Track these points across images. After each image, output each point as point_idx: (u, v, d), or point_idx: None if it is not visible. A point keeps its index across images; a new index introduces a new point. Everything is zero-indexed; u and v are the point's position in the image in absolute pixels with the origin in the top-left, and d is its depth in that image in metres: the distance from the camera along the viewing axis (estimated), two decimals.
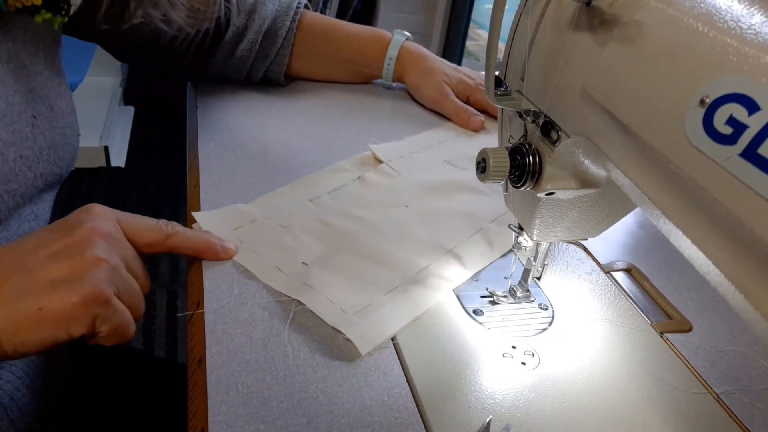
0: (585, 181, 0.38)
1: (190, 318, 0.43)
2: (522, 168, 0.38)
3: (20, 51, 0.47)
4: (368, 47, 0.79)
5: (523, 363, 0.42)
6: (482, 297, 0.48)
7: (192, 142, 0.65)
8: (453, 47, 2.10)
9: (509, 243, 0.52)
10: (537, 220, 0.41)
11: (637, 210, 0.40)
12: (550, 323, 0.47)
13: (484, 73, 0.38)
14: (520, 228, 0.44)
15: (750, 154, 0.22)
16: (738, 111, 0.23)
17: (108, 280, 0.37)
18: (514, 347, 0.44)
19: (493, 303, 0.48)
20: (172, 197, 2.10)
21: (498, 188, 0.59)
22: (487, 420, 0.37)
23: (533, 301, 0.48)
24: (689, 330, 0.48)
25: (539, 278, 0.50)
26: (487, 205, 0.58)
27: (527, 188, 0.39)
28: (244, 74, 0.77)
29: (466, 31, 2.11)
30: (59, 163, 0.51)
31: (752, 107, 0.22)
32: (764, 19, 0.23)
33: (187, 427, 0.36)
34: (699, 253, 0.26)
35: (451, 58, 1.59)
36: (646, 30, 0.29)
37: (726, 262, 0.25)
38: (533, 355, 0.43)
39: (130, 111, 2.40)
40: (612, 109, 0.30)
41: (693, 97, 0.25)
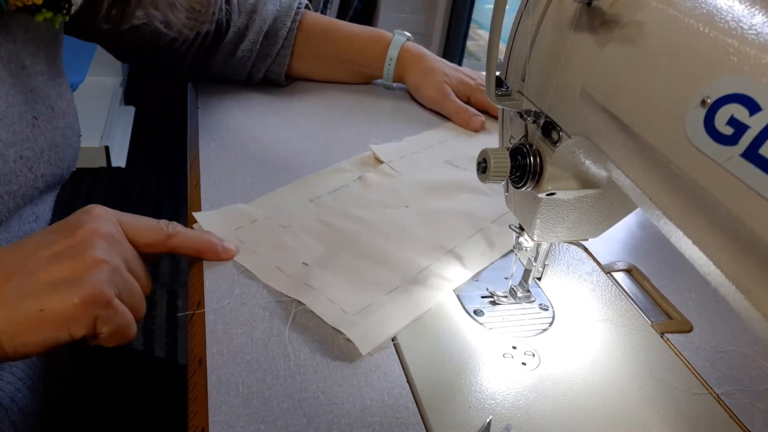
0: (586, 182, 0.38)
1: (191, 318, 0.43)
2: (523, 168, 0.38)
3: (21, 51, 0.47)
4: (369, 47, 0.79)
5: (524, 363, 0.42)
6: (483, 297, 0.48)
7: (192, 142, 0.65)
8: (453, 47, 2.10)
9: (510, 243, 0.52)
10: (538, 221, 0.41)
11: (638, 210, 0.40)
12: (551, 323, 0.47)
13: (485, 74, 0.38)
14: (521, 228, 0.44)
15: (751, 155, 0.22)
16: (739, 111, 0.23)
17: (109, 281, 0.37)
18: (515, 347, 0.44)
19: (494, 303, 0.48)
20: (173, 197, 2.10)
21: (498, 188, 0.60)
22: (488, 420, 0.37)
23: (534, 302, 0.48)
24: (690, 330, 0.48)
25: (540, 279, 0.50)
26: (488, 206, 0.58)
27: (528, 188, 0.39)
28: (245, 74, 0.77)
29: (467, 31, 2.11)
30: (60, 164, 0.51)
31: (753, 108, 0.22)
32: (765, 20, 0.23)
33: (188, 427, 0.36)
34: (700, 254, 0.26)
35: (452, 59, 1.59)
36: (647, 30, 0.29)
37: (727, 263, 0.25)
38: (534, 356, 0.43)
39: (131, 111, 2.41)
40: (613, 110, 0.30)
41: (694, 98, 0.25)
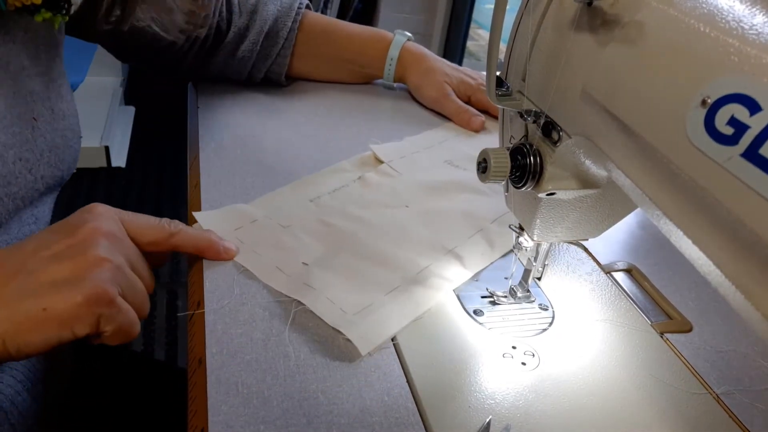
0: (586, 182, 0.38)
1: (191, 318, 0.43)
2: (523, 168, 0.38)
3: (20, 52, 0.47)
4: (369, 47, 0.79)
5: (524, 363, 0.42)
6: (482, 297, 0.48)
7: (193, 142, 0.65)
8: (454, 47, 2.10)
9: (510, 243, 0.52)
10: (538, 221, 0.41)
11: (638, 210, 0.40)
12: (551, 323, 0.47)
13: (486, 74, 0.38)
14: (521, 228, 0.44)
15: (751, 155, 0.22)
16: (739, 111, 0.23)
17: (112, 280, 0.37)
18: (515, 347, 0.44)
19: (494, 303, 0.48)
20: (173, 197, 2.10)
21: (498, 188, 0.60)
22: (487, 420, 0.37)
23: (533, 302, 0.48)
24: (689, 330, 0.48)
25: (540, 278, 0.50)
26: (488, 206, 0.58)
27: (528, 188, 0.39)
28: (245, 75, 0.77)
29: (467, 31, 2.12)
30: (60, 166, 0.51)
31: (754, 108, 0.22)
32: (766, 20, 0.23)
33: (187, 427, 0.36)
34: (700, 254, 0.26)
35: (452, 58, 1.59)
36: (648, 30, 0.29)
37: (727, 263, 0.25)
38: (533, 356, 0.43)
39: (131, 111, 2.41)
40: (613, 110, 0.30)
41: (694, 98, 0.25)
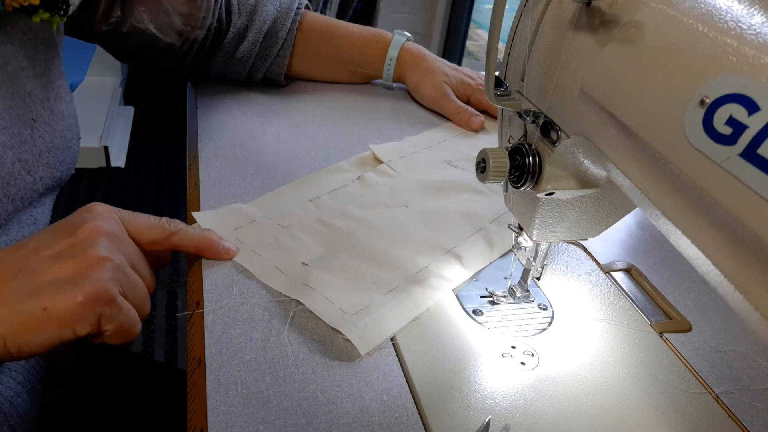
0: (585, 182, 0.38)
1: (190, 318, 0.43)
2: (522, 168, 0.38)
3: (19, 53, 0.47)
4: (369, 48, 0.79)
5: (523, 363, 0.42)
6: (482, 297, 0.48)
7: (192, 143, 0.65)
8: (453, 47, 2.10)
9: (509, 243, 0.52)
10: (537, 221, 0.41)
11: (637, 210, 0.40)
12: (550, 323, 0.47)
13: (485, 74, 0.38)
14: (520, 228, 0.44)
15: (750, 155, 0.22)
16: (738, 111, 0.23)
17: (112, 279, 0.37)
18: (514, 347, 0.44)
19: (493, 303, 0.48)
20: (172, 197, 2.10)
21: (498, 188, 0.60)
22: (487, 420, 0.37)
23: (533, 301, 0.48)
24: (689, 330, 0.48)
25: (539, 278, 0.50)
26: (487, 205, 0.58)
27: (527, 188, 0.39)
28: (245, 75, 0.77)
29: (466, 32, 2.12)
30: (59, 167, 0.51)
31: (752, 107, 0.22)
32: (764, 20, 0.23)
33: (187, 427, 0.36)
34: (698, 254, 0.26)
35: (451, 59, 1.59)
36: (646, 30, 0.29)
37: (725, 263, 0.25)
38: (533, 355, 0.43)
39: (130, 111, 2.41)
40: (612, 110, 0.30)
41: (693, 98, 0.25)
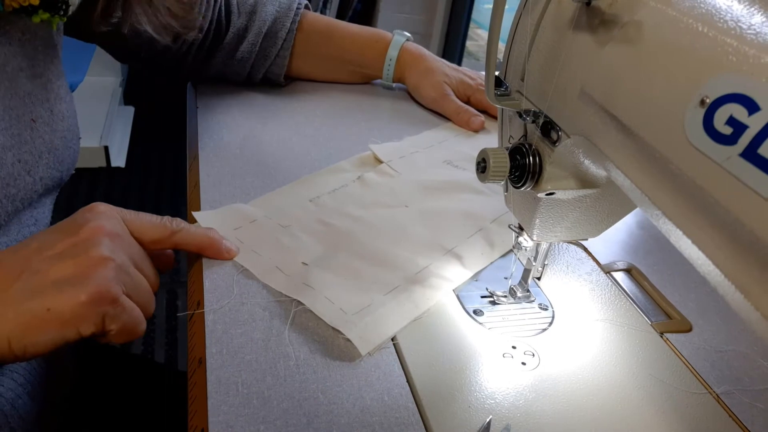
0: (585, 182, 0.38)
1: (191, 318, 0.43)
2: (522, 168, 0.38)
3: (18, 54, 0.47)
4: (368, 48, 0.79)
5: (523, 363, 0.42)
6: (482, 297, 0.48)
7: (192, 143, 0.65)
8: (453, 47, 2.10)
9: (509, 243, 0.52)
10: (537, 221, 0.41)
11: (637, 210, 0.40)
12: (550, 323, 0.47)
13: (485, 73, 0.38)
14: (521, 228, 0.44)
15: (750, 155, 0.22)
16: (738, 111, 0.23)
17: (115, 279, 0.37)
18: (514, 347, 0.44)
19: (494, 303, 0.48)
20: (173, 197, 2.10)
21: (498, 188, 0.60)
22: (487, 420, 0.37)
23: (533, 301, 0.48)
24: (689, 330, 0.48)
25: (539, 278, 0.50)
26: (488, 205, 0.58)
27: (527, 188, 0.39)
28: (245, 75, 0.77)
29: (466, 31, 2.12)
30: (59, 167, 0.51)
31: (752, 107, 0.22)
32: (764, 19, 0.23)
33: (187, 427, 0.36)
34: (699, 253, 0.26)
35: (451, 58, 1.59)
36: (646, 30, 0.29)
37: (726, 262, 0.25)
38: (533, 355, 0.43)
39: (131, 111, 2.41)
40: (612, 110, 0.30)
41: (693, 98, 0.25)
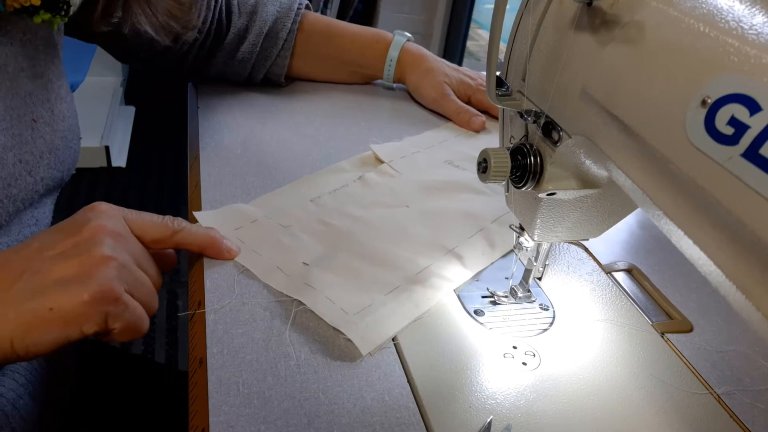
0: (586, 182, 0.38)
1: (191, 318, 0.43)
2: (523, 168, 0.38)
3: (19, 54, 0.47)
4: (369, 48, 0.79)
5: (524, 363, 0.42)
6: (483, 297, 0.48)
7: (193, 143, 0.65)
8: (453, 47, 2.10)
9: (510, 243, 0.52)
10: (538, 221, 0.41)
11: (638, 210, 0.40)
12: (551, 323, 0.47)
13: (485, 74, 0.38)
14: (521, 228, 0.44)
15: (751, 155, 0.22)
16: (739, 111, 0.23)
17: (117, 277, 0.37)
18: (515, 347, 0.44)
19: (494, 303, 0.48)
20: (173, 197, 2.10)
21: (499, 188, 0.60)
22: (488, 420, 0.37)
23: (534, 302, 0.48)
24: (690, 330, 0.48)
25: (540, 278, 0.50)
26: (488, 205, 0.58)
27: (528, 188, 0.39)
28: (245, 75, 0.77)
29: (467, 31, 2.12)
30: (60, 167, 0.51)
31: (754, 108, 0.22)
32: (766, 20, 0.23)
33: (188, 428, 0.36)
34: (700, 254, 0.26)
35: (452, 59, 1.59)
36: (647, 30, 0.29)
37: (727, 263, 0.25)
38: (534, 356, 0.43)
39: (131, 111, 2.41)
40: (613, 110, 0.30)
41: (694, 98, 0.25)
